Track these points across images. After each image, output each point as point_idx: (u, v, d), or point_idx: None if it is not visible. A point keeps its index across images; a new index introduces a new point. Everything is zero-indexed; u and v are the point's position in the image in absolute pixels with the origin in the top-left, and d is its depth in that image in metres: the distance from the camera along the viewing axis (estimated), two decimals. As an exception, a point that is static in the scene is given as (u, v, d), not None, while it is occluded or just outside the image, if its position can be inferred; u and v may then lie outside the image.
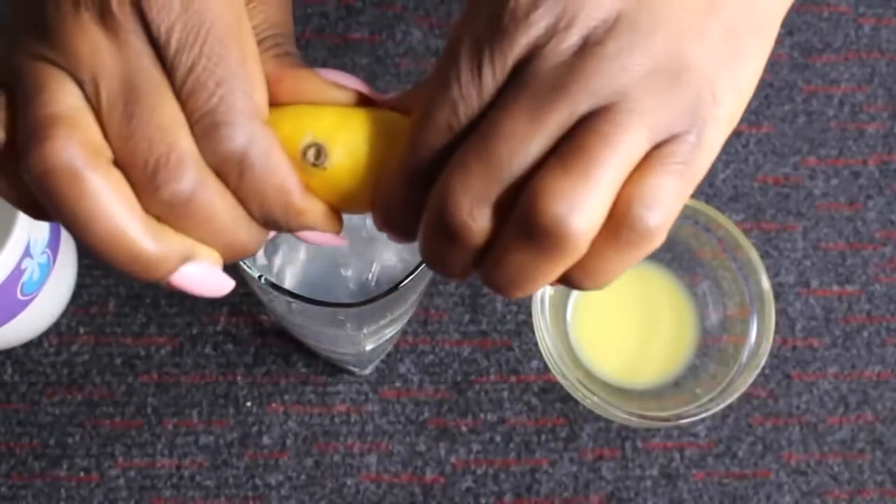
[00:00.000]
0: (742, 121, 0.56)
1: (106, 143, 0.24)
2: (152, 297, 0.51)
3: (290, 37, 0.27)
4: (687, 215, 0.49)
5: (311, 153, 0.25)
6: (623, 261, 0.23)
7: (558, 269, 0.23)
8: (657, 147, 0.23)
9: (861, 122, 0.56)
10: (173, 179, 0.23)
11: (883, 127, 0.56)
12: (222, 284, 0.27)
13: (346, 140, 0.26)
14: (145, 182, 0.23)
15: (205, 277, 0.26)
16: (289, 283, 0.40)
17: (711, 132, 0.24)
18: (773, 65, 0.57)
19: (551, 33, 0.23)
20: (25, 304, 0.45)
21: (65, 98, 0.23)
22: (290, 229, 0.26)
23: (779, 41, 0.57)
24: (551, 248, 0.22)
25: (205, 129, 0.24)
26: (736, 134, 0.55)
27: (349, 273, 0.38)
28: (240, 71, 0.24)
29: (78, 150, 0.23)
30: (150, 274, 0.24)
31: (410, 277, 0.32)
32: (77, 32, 0.23)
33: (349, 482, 0.49)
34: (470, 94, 0.23)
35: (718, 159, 0.55)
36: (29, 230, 0.42)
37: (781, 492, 0.50)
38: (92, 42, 0.23)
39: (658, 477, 0.50)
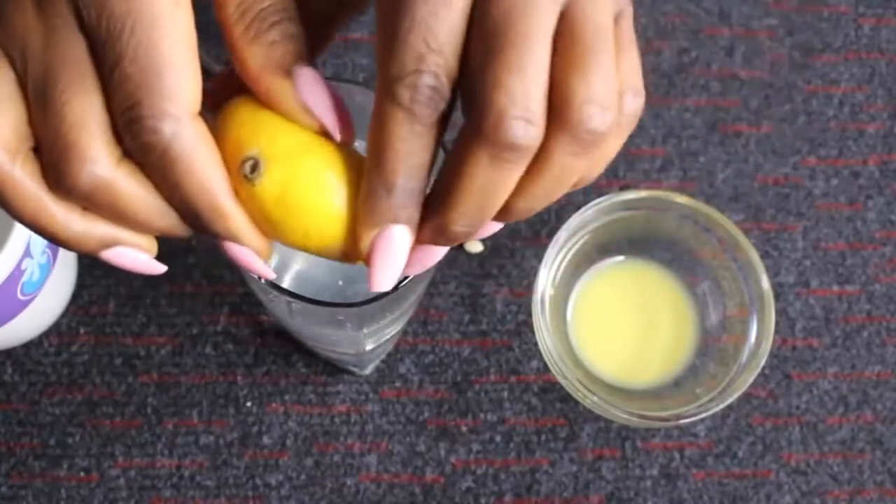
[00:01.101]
0: (742, 121, 0.56)
1: (29, 129, 0.24)
2: (152, 297, 0.51)
3: (285, 3, 0.26)
4: (687, 215, 0.49)
5: (248, 165, 0.25)
6: (620, 144, 0.25)
7: (587, 165, 0.25)
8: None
9: (861, 122, 0.56)
10: (71, 173, 0.23)
11: (883, 127, 0.56)
12: (150, 268, 0.27)
13: (289, 168, 0.25)
14: (51, 170, 0.24)
15: (130, 261, 0.26)
16: (288, 282, 0.40)
17: None
18: (773, 65, 0.57)
19: None
20: (25, 304, 0.45)
21: None
22: (214, 234, 0.26)
23: (779, 41, 0.57)
24: (593, 147, 0.24)
25: (128, 121, 0.23)
26: (736, 134, 0.55)
27: (349, 273, 0.38)
28: (169, 63, 0.23)
29: None
30: (78, 251, 0.26)
31: (410, 278, 0.32)
32: (14, 7, 0.24)
33: (349, 482, 0.49)
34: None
35: (718, 159, 0.55)
36: (29, 230, 0.42)
37: (781, 492, 0.50)
38: (25, 20, 0.24)
39: (658, 477, 0.50)
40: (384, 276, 0.26)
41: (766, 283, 0.48)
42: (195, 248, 0.52)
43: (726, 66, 0.57)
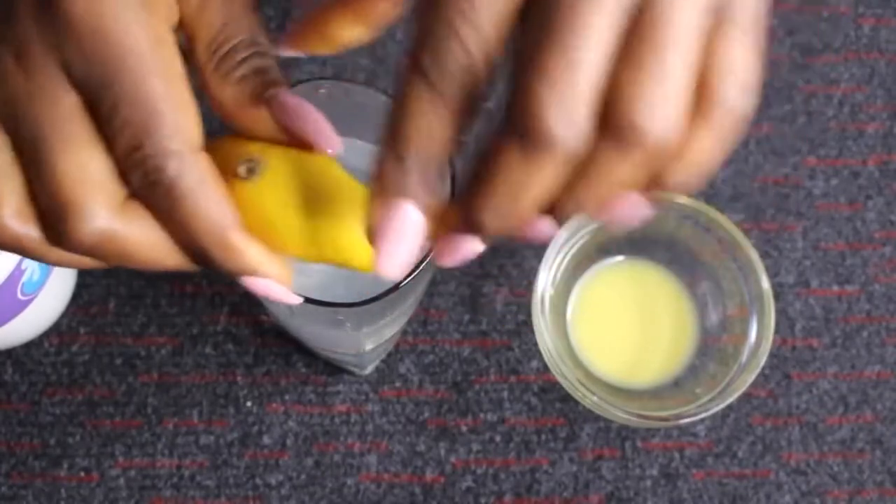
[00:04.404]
0: (742, 121, 0.56)
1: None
2: (152, 297, 0.51)
3: (255, 38, 0.25)
4: (687, 215, 0.49)
5: (245, 167, 0.25)
6: (724, 144, 0.23)
7: (651, 171, 0.22)
8: (721, 7, 0.22)
9: (861, 122, 0.56)
10: (71, 231, 0.23)
11: (883, 127, 0.56)
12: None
13: (283, 168, 0.25)
14: (52, 231, 0.24)
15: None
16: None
17: None
18: (773, 65, 0.57)
19: None
20: (26, 304, 0.45)
21: None
22: (230, 271, 0.25)
23: (779, 41, 0.57)
24: (651, 157, 0.21)
25: (132, 164, 0.23)
26: (736, 134, 0.55)
27: (349, 272, 0.38)
28: (164, 102, 0.23)
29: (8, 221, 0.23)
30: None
31: (410, 277, 0.32)
32: None
33: (349, 482, 0.49)
34: None
35: (718, 159, 0.55)
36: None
37: (781, 492, 0.50)
38: (9, 82, 0.23)
39: (658, 477, 0.50)
40: (390, 261, 0.24)
41: (766, 283, 0.48)
42: (195, 248, 0.52)
43: (726, 66, 0.57)
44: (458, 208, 0.24)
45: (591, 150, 0.22)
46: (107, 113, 0.23)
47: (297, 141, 0.25)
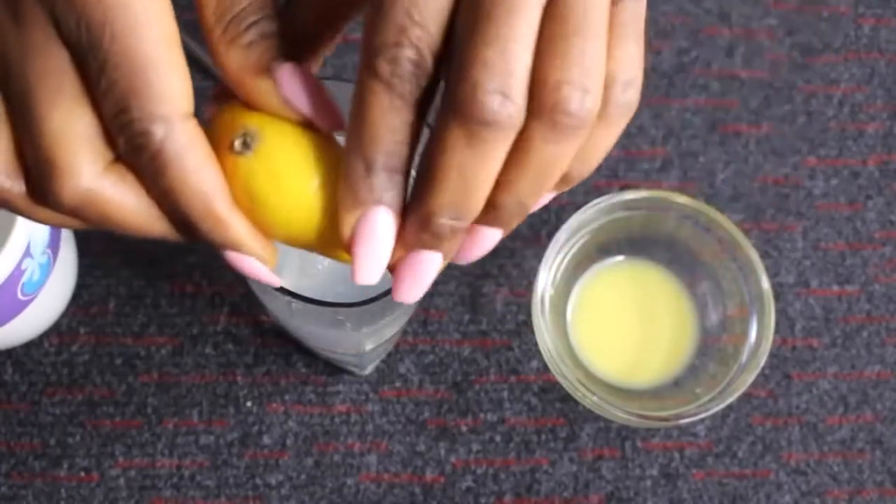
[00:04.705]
0: (742, 121, 0.56)
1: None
2: (152, 297, 0.51)
3: (265, 4, 0.25)
4: (687, 215, 0.49)
5: (240, 141, 0.24)
6: (615, 137, 0.24)
7: (572, 155, 0.24)
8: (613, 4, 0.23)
9: (861, 122, 0.56)
10: (53, 191, 0.23)
11: (883, 127, 0.56)
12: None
13: (280, 144, 0.25)
14: (35, 189, 0.24)
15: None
16: (288, 283, 0.40)
17: None
18: (773, 65, 0.57)
19: None
20: (26, 304, 0.45)
21: None
22: (212, 243, 0.25)
23: (779, 41, 0.57)
24: (573, 137, 0.23)
25: (119, 126, 0.23)
26: (736, 134, 0.55)
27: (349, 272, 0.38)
28: (153, 65, 0.23)
29: None
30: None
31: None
32: None
33: (349, 482, 0.49)
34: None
35: (718, 159, 0.55)
36: (29, 230, 0.42)
37: (781, 492, 0.50)
38: (3, 36, 0.23)
39: (658, 477, 0.50)
40: (367, 266, 0.24)
41: (766, 283, 0.48)
42: (195, 248, 0.52)
43: (726, 66, 0.57)
44: (414, 214, 0.24)
45: (523, 129, 0.23)
46: (95, 73, 0.23)
47: (300, 116, 0.25)
